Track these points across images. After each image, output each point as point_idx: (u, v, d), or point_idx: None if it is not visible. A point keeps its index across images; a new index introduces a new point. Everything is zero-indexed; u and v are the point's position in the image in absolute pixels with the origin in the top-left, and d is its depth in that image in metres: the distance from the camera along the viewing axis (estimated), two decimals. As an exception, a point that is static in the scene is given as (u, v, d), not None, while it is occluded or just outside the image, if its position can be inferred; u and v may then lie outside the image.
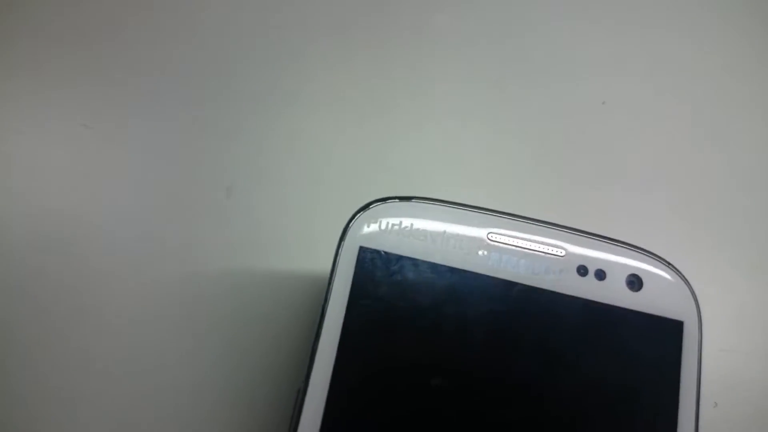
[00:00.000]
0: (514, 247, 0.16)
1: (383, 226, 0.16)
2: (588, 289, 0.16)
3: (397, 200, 0.16)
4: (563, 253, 0.16)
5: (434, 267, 0.16)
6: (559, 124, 0.26)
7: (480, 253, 0.16)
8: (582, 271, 0.16)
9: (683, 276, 0.17)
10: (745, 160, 0.26)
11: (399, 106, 0.25)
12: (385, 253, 0.16)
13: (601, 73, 0.27)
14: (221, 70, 0.25)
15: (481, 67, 0.26)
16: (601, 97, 0.26)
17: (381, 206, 0.16)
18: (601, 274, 0.16)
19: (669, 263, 0.17)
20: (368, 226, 0.16)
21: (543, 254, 0.16)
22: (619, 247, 0.17)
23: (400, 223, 0.16)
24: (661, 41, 0.27)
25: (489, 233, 0.16)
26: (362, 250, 0.16)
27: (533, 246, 0.16)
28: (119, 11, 0.26)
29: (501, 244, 0.16)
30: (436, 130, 0.25)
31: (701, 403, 0.21)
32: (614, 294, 0.16)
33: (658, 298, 0.16)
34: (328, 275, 0.16)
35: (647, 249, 0.17)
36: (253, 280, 0.22)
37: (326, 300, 0.16)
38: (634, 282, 0.16)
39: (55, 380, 0.21)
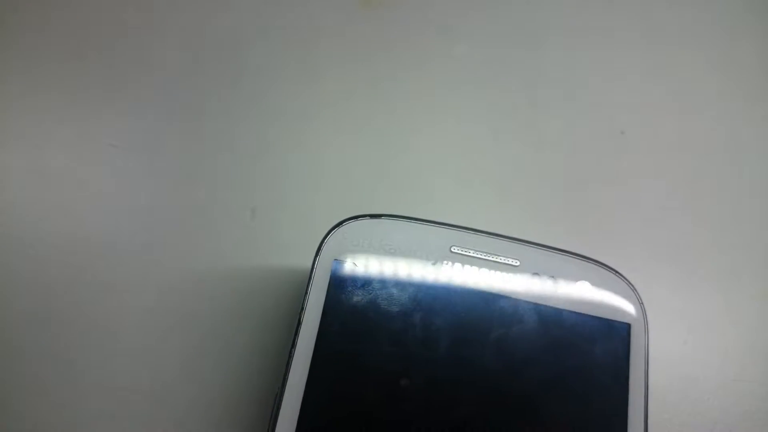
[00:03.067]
0: (474, 258, 0.18)
1: (355, 241, 0.18)
2: (541, 295, 0.18)
3: (368, 218, 0.18)
4: (518, 262, 0.18)
5: (402, 277, 0.18)
6: (576, 152, 0.26)
7: (444, 263, 0.18)
8: (536, 277, 0.18)
9: (629, 282, 0.18)
10: (764, 189, 0.26)
11: (415, 131, 0.26)
12: (357, 265, 0.18)
13: (621, 102, 0.27)
14: (246, 90, 0.26)
15: (497, 95, 0.27)
16: (620, 127, 0.26)
17: (353, 223, 0.18)
18: (552, 280, 0.18)
19: (616, 271, 0.18)
20: (342, 241, 0.18)
21: (500, 263, 0.18)
22: (570, 257, 0.18)
23: (371, 238, 0.18)
24: (683, 71, 0.28)
25: (452, 246, 0.18)
26: (336, 263, 0.17)
27: (491, 257, 0.18)
28: (144, 33, 0.27)
29: (463, 255, 0.18)
30: (451, 154, 0.26)
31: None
32: (566, 299, 0.18)
33: (607, 303, 0.18)
34: (305, 287, 0.17)
35: (595, 258, 0.18)
36: (270, 291, 0.23)
37: (302, 309, 0.17)
38: (584, 287, 0.18)
39: (56, 382, 0.21)
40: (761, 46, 0.29)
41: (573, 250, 0.18)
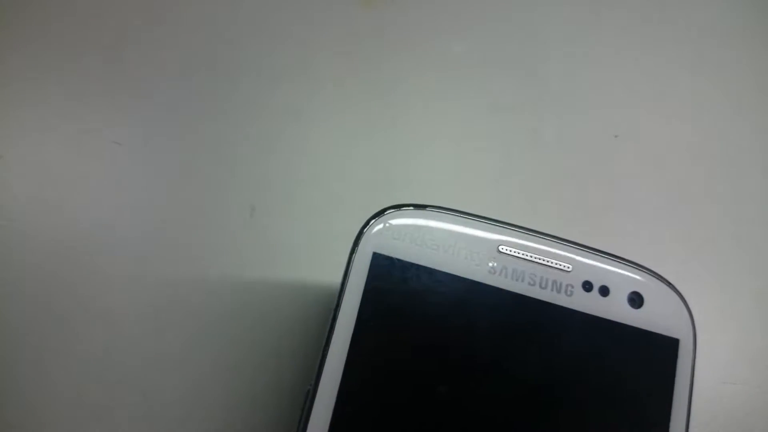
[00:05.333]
0: (523, 260, 0.17)
1: (397, 233, 0.16)
2: (592, 305, 0.17)
3: (411, 208, 0.17)
4: (570, 267, 0.17)
5: (445, 276, 0.16)
6: (571, 155, 0.26)
7: (490, 264, 0.17)
8: (587, 286, 0.17)
9: (681, 295, 0.17)
10: (755, 192, 0.26)
11: (414, 132, 0.26)
12: (398, 260, 0.16)
13: (615, 106, 0.27)
14: (248, 89, 0.26)
15: (493, 97, 0.27)
16: (614, 131, 0.27)
17: (395, 213, 0.17)
18: (605, 291, 0.17)
19: (669, 282, 0.17)
20: (382, 233, 0.16)
21: (551, 268, 0.17)
22: (624, 264, 0.17)
23: (414, 230, 0.16)
24: (675, 76, 0.28)
25: (500, 245, 0.17)
26: (375, 256, 0.16)
27: (542, 259, 0.17)
28: (147, 32, 0.26)
29: (511, 256, 0.17)
30: (449, 156, 0.26)
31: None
32: (616, 310, 0.17)
33: (657, 316, 0.17)
34: (341, 279, 0.16)
35: (650, 268, 0.17)
36: (268, 288, 0.23)
37: (338, 304, 0.16)
38: (635, 299, 0.17)
39: (59, 381, 0.21)
40: (755, 50, 0.29)
41: (628, 257, 0.17)
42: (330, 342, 0.16)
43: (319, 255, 0.23)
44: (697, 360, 0.23)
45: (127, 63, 0.26)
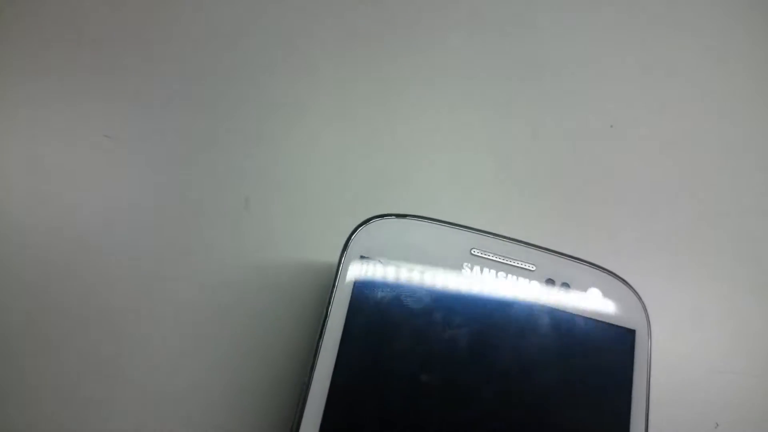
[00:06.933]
0: (493, 261, 0.19)
1: (381, 239, 0.19)
2: (555, 299, 0.19)
3: (394, 217, 0.19)
4: (534, 267, 0.19)
5: (425, 275, 0.18)
6: (567, 145, 0.27)
7: (465, 265, 0.19)
8: (550, 283, 0.19)
9: (635, 290, 0.19)
10: (753, 182, 0.27)
11: (409, 123, 0.27)
12: (383, 262, 0.18)
13: (611, 96, 0.28)
14: (242, 81, 0.27)
15: (490, 87, 0.28)
16: (609, 121, 0.27)
17: (380, 221, 0.19)
18: (566, 287, 0.19)
19: (623, 279, 0.19)
20: (368, 239, 0.18)
21: (517, 267, 0.19)
22: (582, 265, 0.19)
23: (397, 236, 0.19)
24: (672, 66, 0.29)
25: (472, 248, 0.19)
26: (362, 260, 0.18)
27: (509, 261, 0.19)
28: (139, 24, 0.27)
29: (482, 258, 0.19)
30: (444, 147, 0.26)
31: (703, 424, 0.22)
32: (577, 304, 0.19)
33: (614, 309, 0.19)
34: (332, 281, 0.18)
35: (604, 266, 0.19)
36: (262, 281, 0.23)
37: (329, 302, 0.18)
38: (594, 294, 0.19)
39: (58, 378, 0.21)
40: (753, 41, 0.29)
41: (585, 258, 0.19)
42: (322, 338, 0.17)
43: (313, 247, 0.23)
44: (683, 347, 0.24)
45: (117, 55, 0.26)
